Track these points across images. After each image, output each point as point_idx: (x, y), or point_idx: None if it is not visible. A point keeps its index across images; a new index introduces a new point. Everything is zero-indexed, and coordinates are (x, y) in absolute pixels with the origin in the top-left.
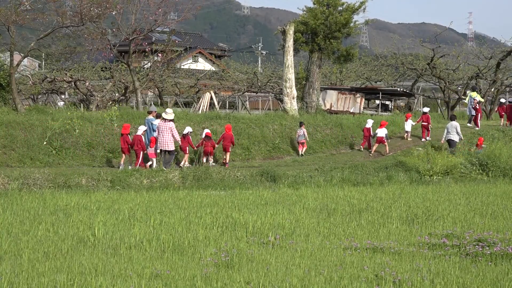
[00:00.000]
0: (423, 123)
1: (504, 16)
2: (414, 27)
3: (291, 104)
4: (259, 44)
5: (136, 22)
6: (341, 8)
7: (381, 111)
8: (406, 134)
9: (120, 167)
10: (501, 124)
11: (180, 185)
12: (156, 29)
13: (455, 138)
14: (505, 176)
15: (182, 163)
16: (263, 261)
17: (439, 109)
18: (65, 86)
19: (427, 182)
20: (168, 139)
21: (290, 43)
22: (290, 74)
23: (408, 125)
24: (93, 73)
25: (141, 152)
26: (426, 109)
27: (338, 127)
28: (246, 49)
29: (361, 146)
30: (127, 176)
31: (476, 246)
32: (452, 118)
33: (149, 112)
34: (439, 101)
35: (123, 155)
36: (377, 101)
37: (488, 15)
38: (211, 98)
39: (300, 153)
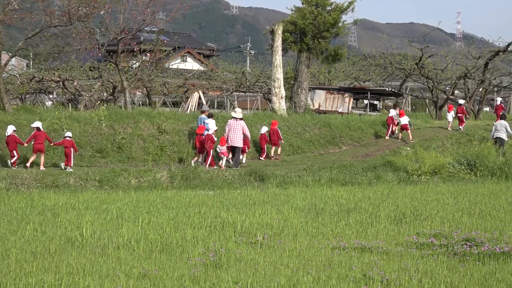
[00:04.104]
0: (458, 115)
1: (492, 16)
2: (402, 27)
3: (280, 104)
4: (248, 44)
5: (125, 21)
6: (330, 8)
7: (370, 111)
8: (448, 123)
9: (193, 163)
10: None
11: (168, 185)
12: (145, 28)
13: (504, 136)
14: (493, 175)
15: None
16: (251, 260)
17: (427, 109)
18: (53, 85)
19: (415, 181)
20: (239, 136)
21: (278, 43)
22: (279, 74)
23: (450, 116)
24: (81, 73)
25: (211, 151)
26: (461, 101)
27: (327, 127)
28: (234, 48)
29: (389, 135)
30: (115, 176)
31: (464, 245)
32: (502, 117)
33: (202, 112)
34: (427, 101)
35: (197, 154)
36: (366, 101)
37: (476, 15)
38: (200, 98)
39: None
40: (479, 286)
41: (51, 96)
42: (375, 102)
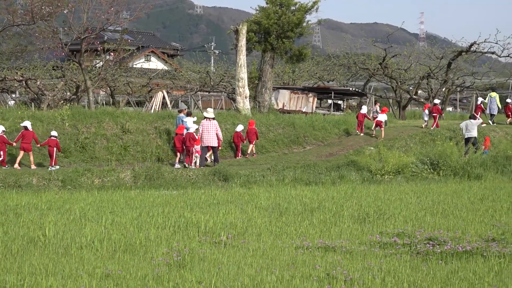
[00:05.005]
0: (433, 114)
1: (455, 16)
2: (366, 27)
3: (244, 103)
4: (212, 44)
5: (88, 20)
6: (294, 8)
7: (334, 111)
8: (424, 123)
9: (176, 165)
10: (507, 122)
11: (132, 184)
12: (108, 28)
13: (476, 134)
14: (455, 175)
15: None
16: (215, 260)
17: (390, 109)
18: (15, 85)
19: (379, 181)
20: (213, 136)
21: (242, 42)
22: (243, 74)
23: (425, 115)
24: (45, 72)
25: (193, 149)
26: (437, 101)
27: (291, 127)
28: (198, 48)
29: (357, 131)
30: (78, 176)
31: (427, 244)
32: (471, 117)
33: (180, 111)
34: (390, 100)
35: (178, 153)
36: (330, 101)
37: (439, 16)
38: (164, 98)
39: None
40: (441, 285)
41: (13, 95)
42: (339, 102)
